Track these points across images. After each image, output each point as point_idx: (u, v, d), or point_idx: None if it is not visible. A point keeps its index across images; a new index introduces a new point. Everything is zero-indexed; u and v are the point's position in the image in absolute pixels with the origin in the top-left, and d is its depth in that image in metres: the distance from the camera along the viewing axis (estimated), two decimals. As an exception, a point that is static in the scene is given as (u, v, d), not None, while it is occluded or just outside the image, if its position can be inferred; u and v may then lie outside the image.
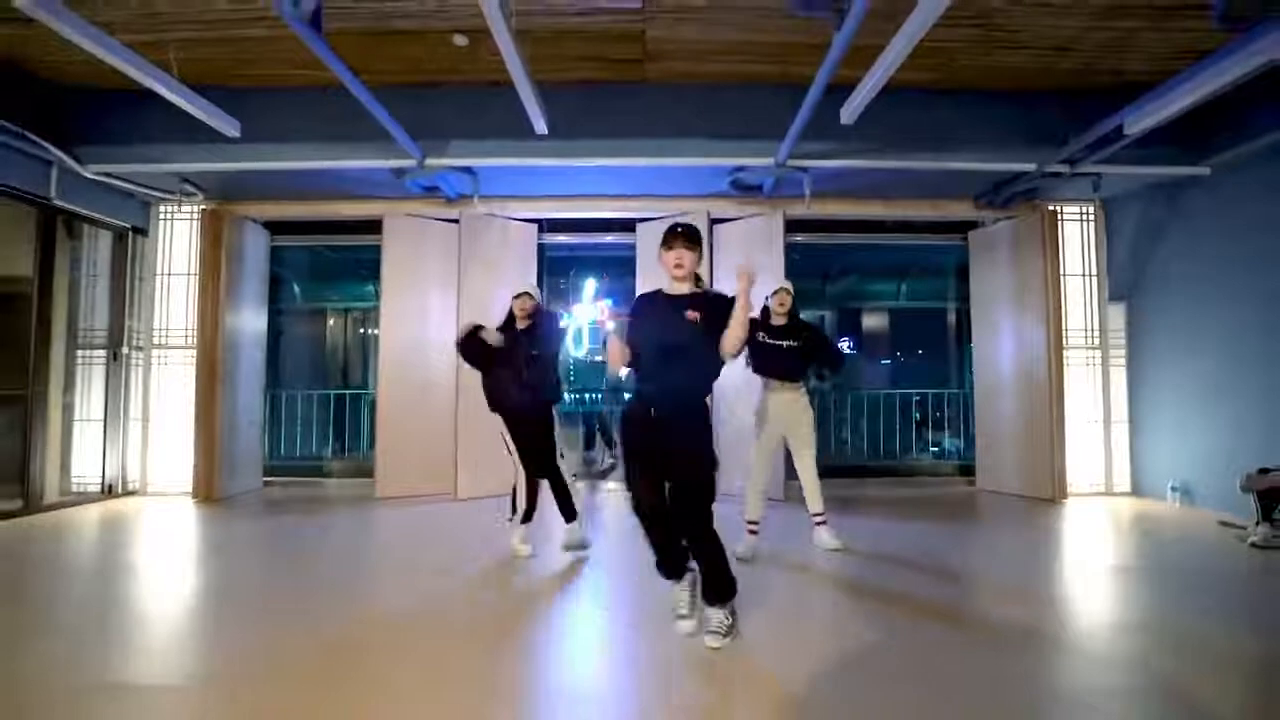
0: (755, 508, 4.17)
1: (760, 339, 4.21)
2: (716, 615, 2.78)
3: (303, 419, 7.78)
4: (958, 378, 7.75)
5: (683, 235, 2.84)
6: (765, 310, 4.36)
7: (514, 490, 4.22)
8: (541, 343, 4.07)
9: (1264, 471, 4.39)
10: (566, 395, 7.46)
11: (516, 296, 4.16)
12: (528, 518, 4.21)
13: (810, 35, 4.57)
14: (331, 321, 9.07)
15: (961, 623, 3.01)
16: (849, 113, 4.30)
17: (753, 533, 4.15)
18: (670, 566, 2.92)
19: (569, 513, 4.19)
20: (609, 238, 7.01)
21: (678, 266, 2.82)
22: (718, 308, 2.77)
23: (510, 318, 4.21)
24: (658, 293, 2.94)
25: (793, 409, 4.26)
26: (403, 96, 5.15)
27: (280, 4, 3.31)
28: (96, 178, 5.43)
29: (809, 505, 4.35)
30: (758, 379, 4.37)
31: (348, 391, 8.06)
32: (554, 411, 4.17)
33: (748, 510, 4.18)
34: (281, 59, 4.91)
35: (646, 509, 2.82)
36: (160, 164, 5.36)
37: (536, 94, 4.19)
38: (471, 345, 4.04)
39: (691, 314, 2.76)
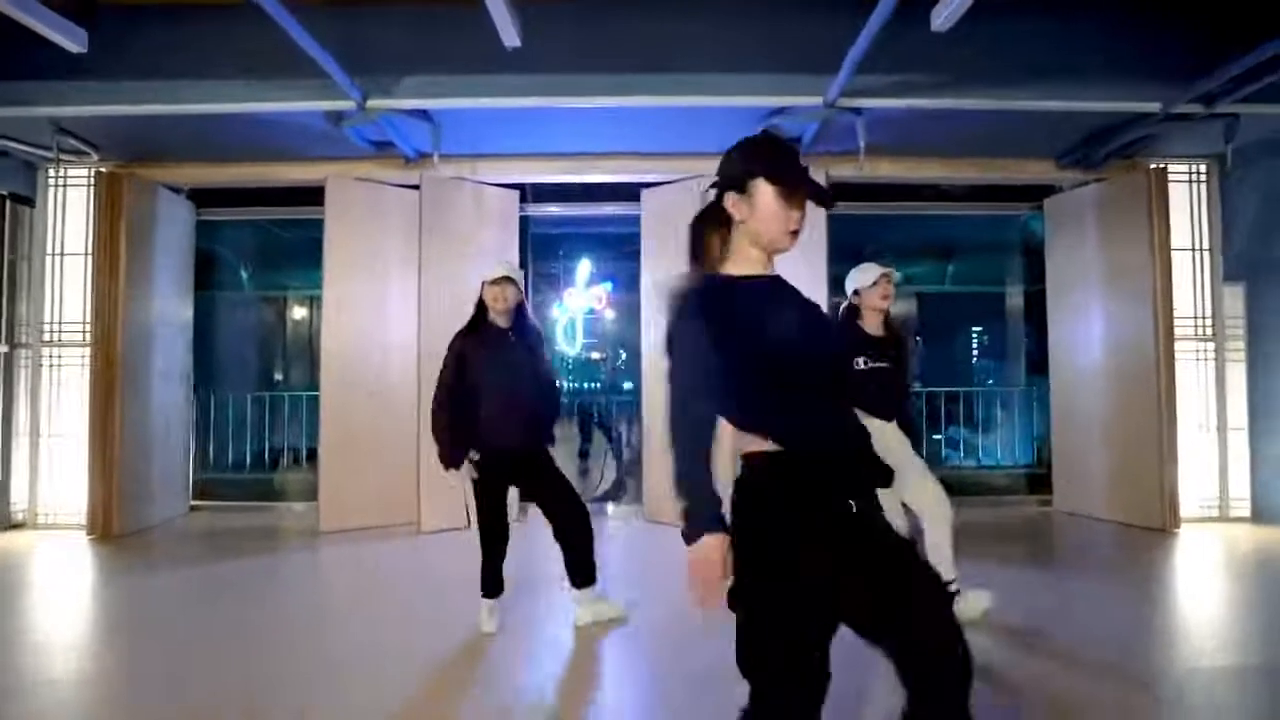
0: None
1: (864, 366, 2.89)
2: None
3: (252, 426, 6.59)
4: (1023, 372, 6.56)
5: (818, 191, 1.44)
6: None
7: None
8: (540, 360, 3.08)
9: None
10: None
11: (492, 282, 2.96)
12: (496, 591, 3.00)
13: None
14: (290, 311, 7.86)
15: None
16: (946, 15, 3.07)
17: None
18: None
19: (588, 576, 3.03)
20: (608, 208, 5.78)
21: (794, 235, 1.43)
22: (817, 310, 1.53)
23: (480, 311, 3.01)
24: (732, 280, 1.43)
25: (896, 445, 2.88)
26: (334, 19, 3.89)
27: None
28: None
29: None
30: None
31: (304, 394, 6.83)
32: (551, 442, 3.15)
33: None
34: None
35: (799, 681, 1.31)
36: (12, 107, 4.07)
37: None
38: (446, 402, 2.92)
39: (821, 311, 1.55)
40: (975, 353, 7.69)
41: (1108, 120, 4.49)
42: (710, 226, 1.47)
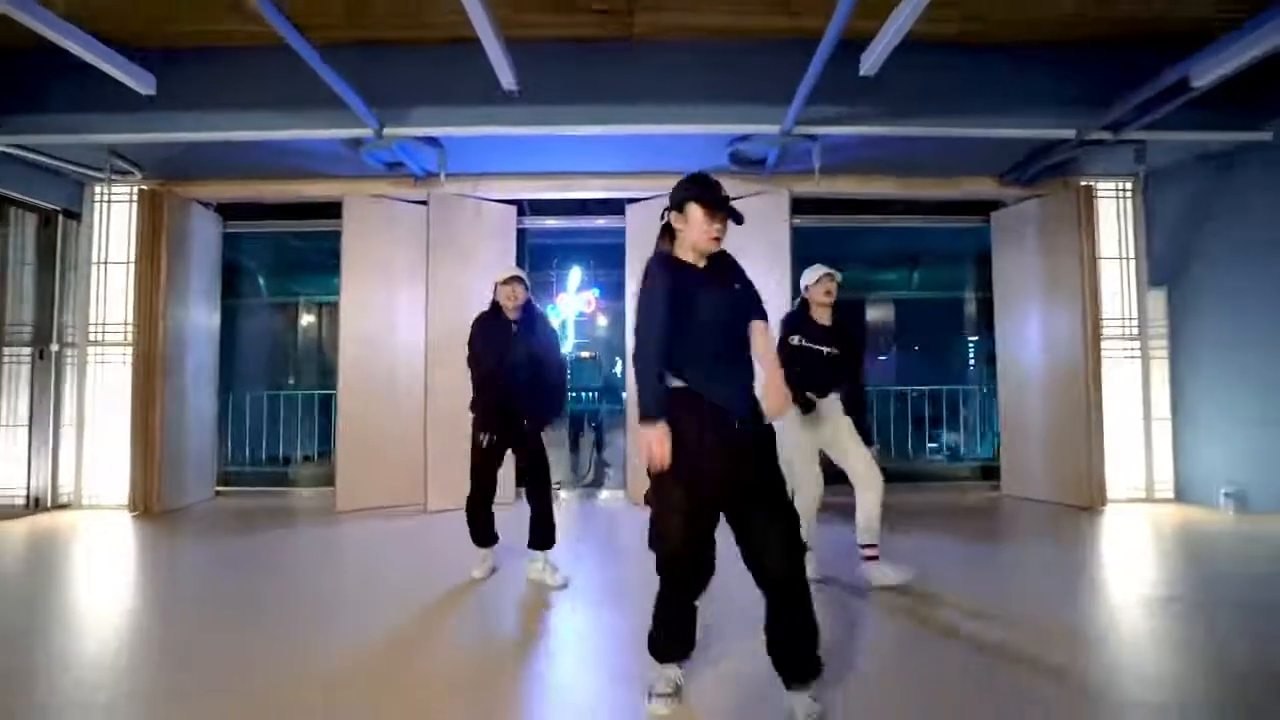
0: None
1: (797, 343, 3.38)
2: (808, 706, 2.03)
3: (268, 421, 7.14)
4: (976, 372, 7.13)
5: (730, 206, 2.19)
6: (803, 304, 3.54)
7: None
8: (547, 349, 3.60)
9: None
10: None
11: (505, 282, 3.56)
12: (488, 542, 3.65)
13: (822, -25, 3.94)
14: (301, 316, 8.43)
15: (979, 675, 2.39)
16: (870, 63, 3.70)
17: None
18: (684, 641, 2.26)
19: (548, 539, 3.57)
20: (597, 221, 6.37)
21: (716, 241, 2.18)
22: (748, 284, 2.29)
23: (495, 307, 3.60)
24: (682, 262, 2.19)
25: (830, 415, 3.46)
26: (356, 56, 4.52)
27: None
28: (8, 150, 4.78)
29: (859, 534, 3.44)
30: None
31: (316, 392, 7.41)
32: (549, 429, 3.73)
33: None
34: (215, 12, 4.26)
35: (691, 556, 2.13)
36: (77, 134, 4.68)
37: (500, 38, 3.56)
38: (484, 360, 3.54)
39: (738, 287, 2.23)
40: (942, 355, 8.24)
41: (1035, 145, 5.10)
42: (665, 236, 2.26)
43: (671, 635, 2.23)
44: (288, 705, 2.23)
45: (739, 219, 2.19)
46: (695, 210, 2.16)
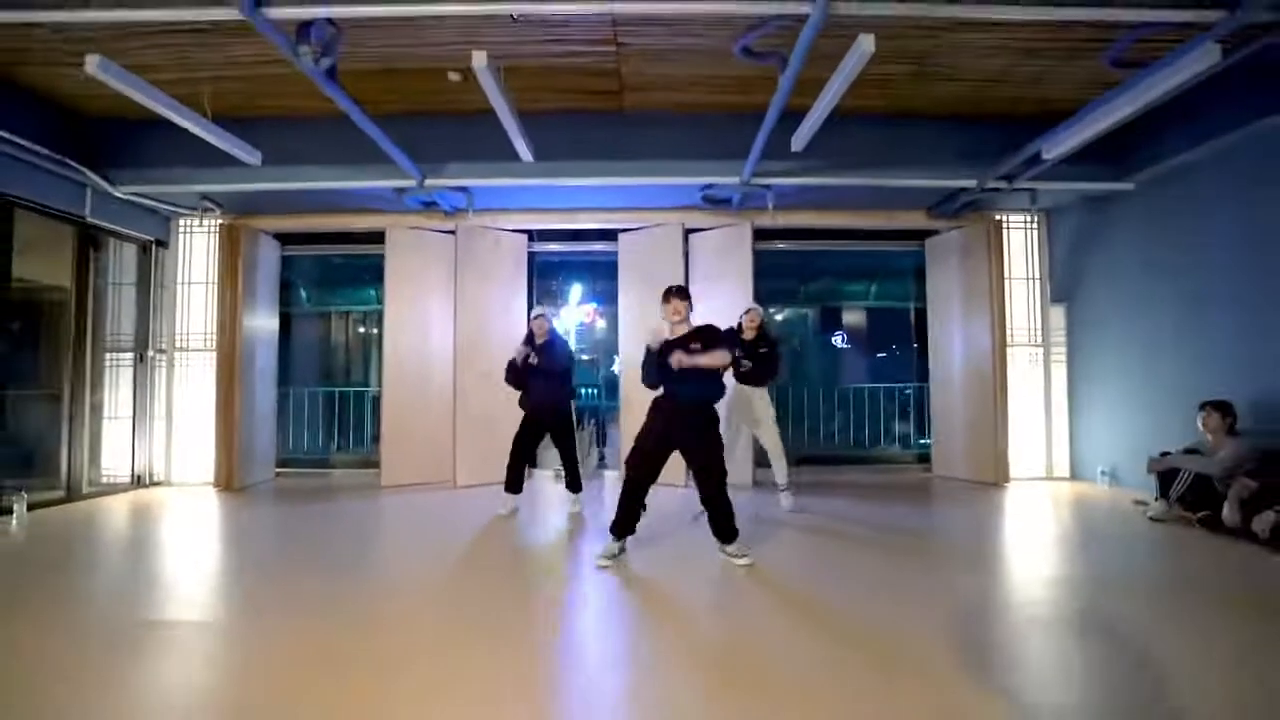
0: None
1: (736, 355, 5.08)
2: (735, 547, 3.87)
3: (309, 415, 8.34)
4: (919, 373, 8.34)
5: (676, 292, 3.95)
6: (739, 326, 5.30)
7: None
8: (560, 360, 5.24)
9: (1164, 454, 5.00)
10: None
11: (535, 318, 5.29)
12: (515, 489, 5.23)
13: (766, 70, 5.13)
14: (336, 324, 9.62)
15: (904, 586, 3.62)
16: (799, 140, 4.89)
17: None
18: (628, 527, 3.88)
19: (576, 485, 5.38)
20: (594, 246, 7.57)
21: (675, 314, 3.92)
22: (712, 336, 3.90)
23: (530, 334, 5.24)
24: (667, 340, 3.88)
25: (754, 402, 5.28)
26: (404, 124, 5.71)
27: (302, 60, 3.87)
28: (126, 197, 6.00)
29: (775, 477, 5.39)
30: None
31: (350, 389, 8.61)
32: (571, 405, 5.53)
33: None
34: (296, 93, 5.45)
35: (643, 476, 3.87)
36: (185, 185, 5.94)
37: (521, 128, 4.78)
38: (514, 373, 5.20)
39: (695, 347, 3.79)
40: (893, 357, 9.44)
41: (946, 191, 6.31)
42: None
43: (624, 519, 3.93)
44: (346, 625, 3.45)
45: (684, 292, 3.93)
46: (661, 307, 4.02)
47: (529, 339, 5.28)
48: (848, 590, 3.45)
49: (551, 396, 5.23)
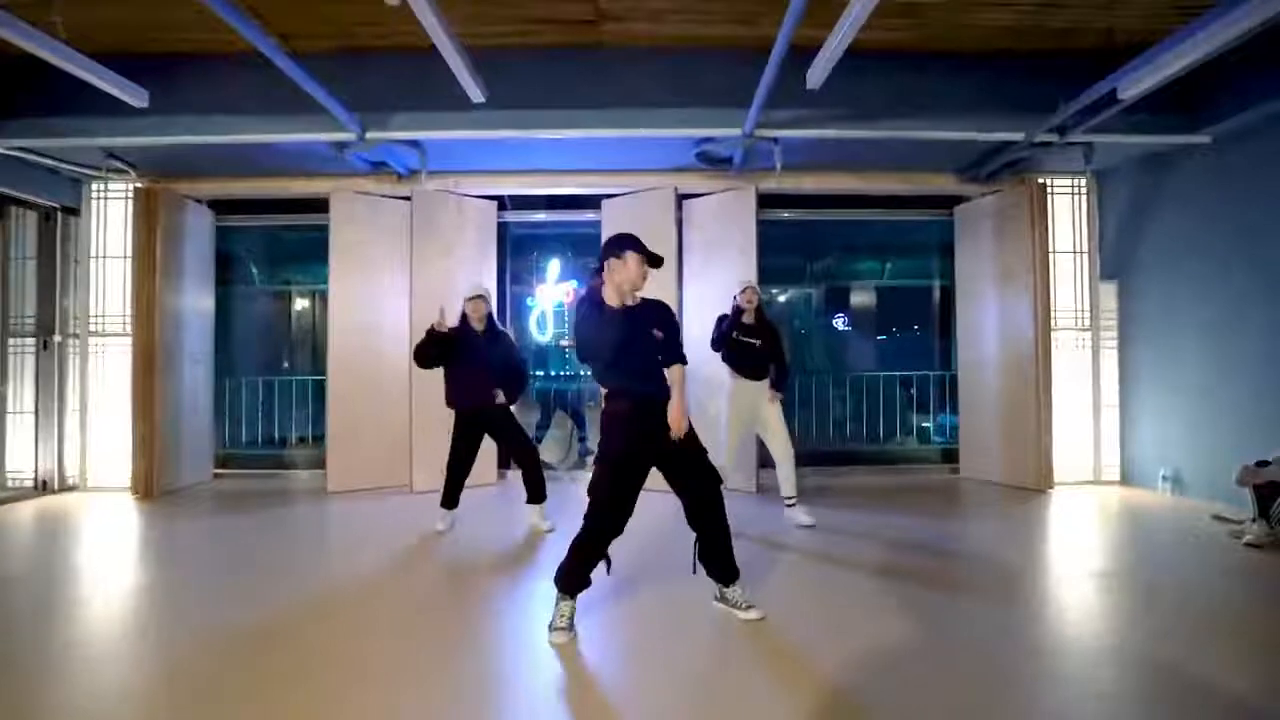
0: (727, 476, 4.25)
1: (736, 336, 4.50)
2: (738, 592, 2.92)
3: (264, 407, 7.44)
4: (941, 359, 7.42)
5: (654, 261, 2.82)
6: (737, 308, 4.53)
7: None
8: (507, 362, 4.41)
9: (1261, 464, 4.09)
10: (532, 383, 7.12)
11: (470, 299, 4.36)
12: (451, 504, 4.45)
13: (773, -9, 4.18)
14: (292, 304, 8.69)
15: (916, 648, 2.72)
16: (815, 76, 3.94)
17: None
18: (586, 578, 2.81)
19: (539, 494, 4.46)
20: (574, 216, 6.61)
21: (635, 289, 2.83)
22: (668, 320, 2.91)
23: (464, 318, 4.38)
24: (605, 305, 2.77)
25: (759, 399, 4.52)
26: (339, 65, 4.77)
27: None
28: (9, 153, 5.04)
29: (781, 488, 4.53)
30: (724, 372, 4.70)
31: (310, 378, 7.70)
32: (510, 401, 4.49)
33: None
34: (200, 24, 4.48)
35: (622, 509, 2.73)
36: (75, 138, 4.95)
37: (466, 59, 3.84)
38: (428, 349, 4.23)
39: (657, 333, 2.82)
40: (911, 342, 8.52)
41: (986, 146, 5.34)
42: (598, 276, 2.79)
43: (579, 572, 2.76)
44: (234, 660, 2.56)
45: (659, 263, 2.83)
46: (632, 257, 2.75)
47: (462, 324, 4.36)
48: (886, 659, 2.54)
49: (483, 391, 4.32)
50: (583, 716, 2.16)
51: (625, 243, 2.77)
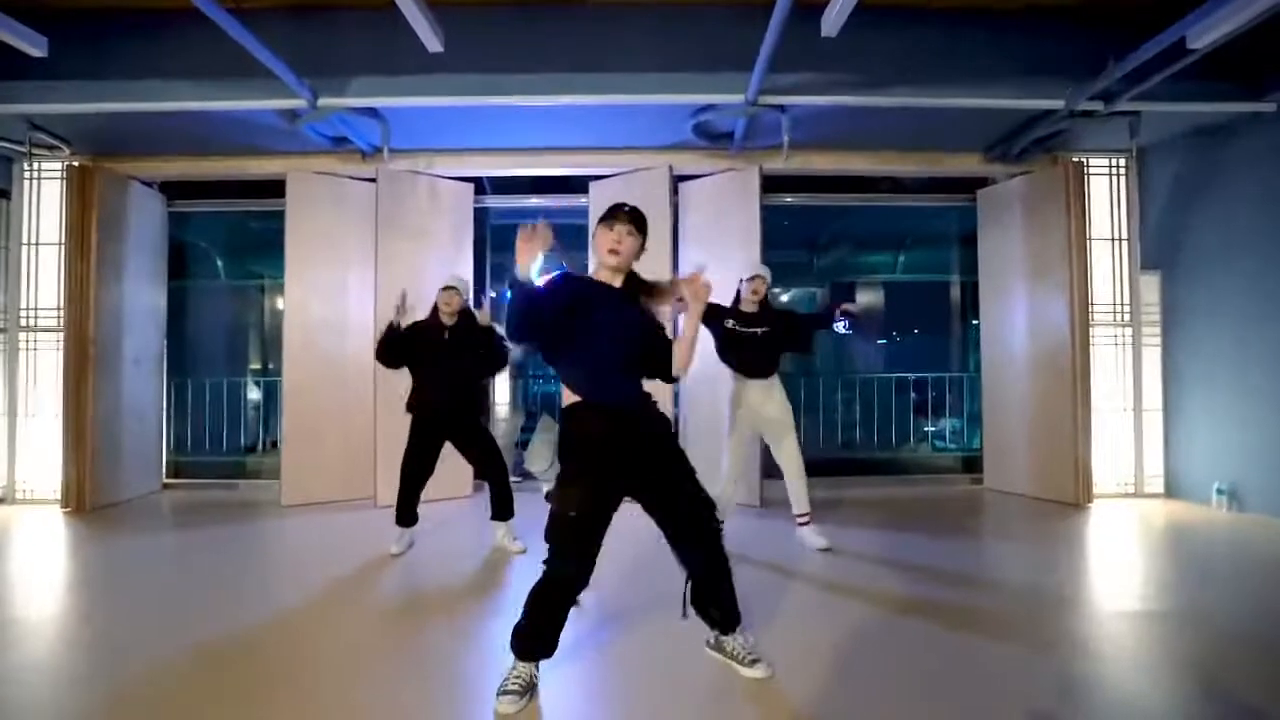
0: (726, 505, 3.87)
1: (729, 326, 3.89)
2: (741, 642, 2.34)
3: (227, 410, 6.84)
4: (960, 359, 6.81)
5: (628, 214, 2.22)
6: (736, 296, 4.00)
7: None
8: (484, 363, 3.94)
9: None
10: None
11: (443, 289, 3.86)
12: (409, 522, 3.88)
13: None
14: (261, 299, 8.10)
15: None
16: (831, 22, 3.34)
17: None
18: (551, 640, 2.19)
19: (507, 510, 3.96)
20: (560, 202, 6.03)
21: (612, 253, 2.18)
22: (650, 288, 2.30)
23: (435, 311, 3.87)
24: (592, 279, 2.25)
25: (766, 402, 3.91)
26: (290, 26, 4.22)
27: None
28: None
29: (793, 505, 3.96)
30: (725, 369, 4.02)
31: (278, 379, 7.10)
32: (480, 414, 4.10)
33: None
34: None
35: (586, 554, 2.11)
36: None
37: (423, 7, 3.22)
38: (387, 347, 3.73)
39: (646, 315, 2.27)
40: (926, 341, 7.93)
41: (1021, 117, 4.76)
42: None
43: (540, 632, 2.16)
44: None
45: (639, 217, 2.23)
46: (597, 230, 2.25)
47: (432, 317, 3.86)
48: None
49: (455, 395, 3.82)
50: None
51: (601, 216, 2.26)
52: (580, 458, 2.12)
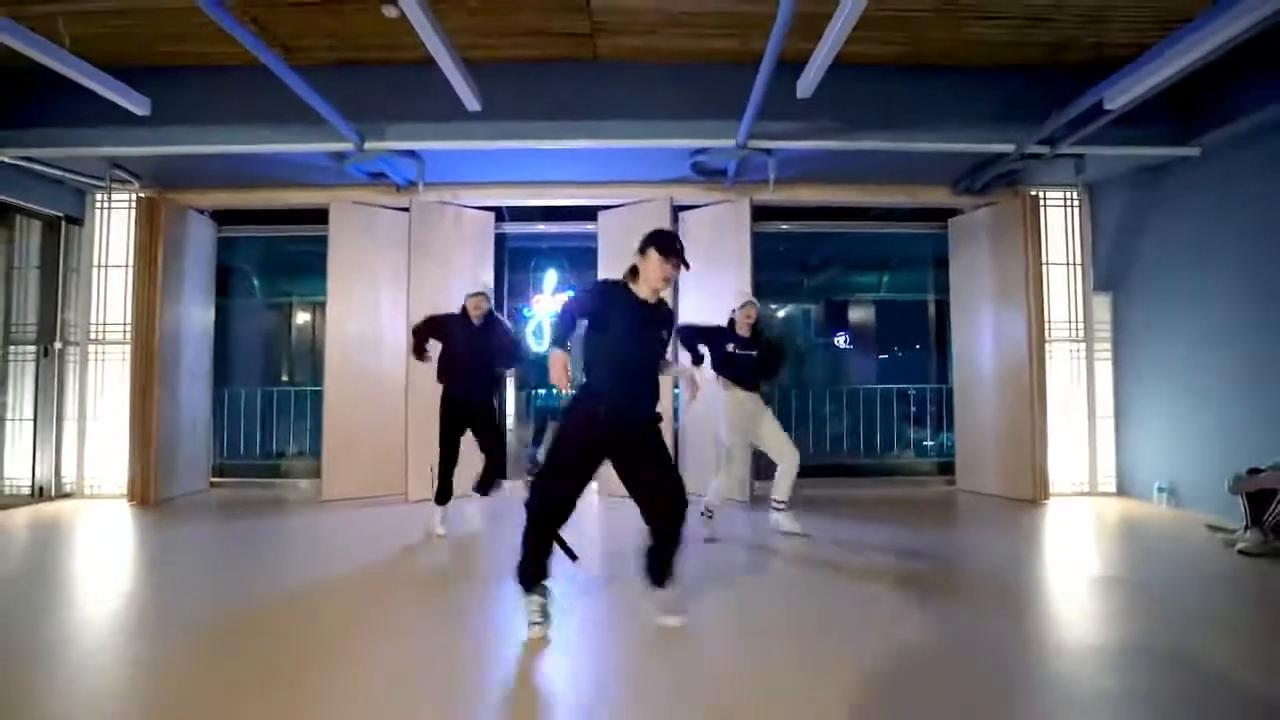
0: (715, 498, 4.45)
1: (730, 350, 4.42)
2: (670, 597, 2.84)
3: (262, 417, 7.46)
4: (938, 372, 7.42)
5: (679, 253, 2.76)
6: (732, 321, 4.51)
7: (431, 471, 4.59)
8: (501, 355, 4.58)
9: (1253, 472, 4.08)
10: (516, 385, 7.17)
11: (471, 295, 4.48)
12: (445, 499, 4.49)
13: (764, 3, 4.24)
14: (293, 316, 8.74)
15: (916, 653, 2.70)
16: (805, 85, 4.00)
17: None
18: (543, 568, 2.79)
19: (486, 487, 4.65)
20: (572, 228, 6.67)
21: (665, 280, 2.77)
22: (670, 324, 2.96)
23: (464, 311, 4.49)
24: (627, 288, 2.79)
25: (755, 408, 4.51)
26: (338, 76, 4.87)
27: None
28: (15, 162, 5.12)
29: (773, 491, 4.52)
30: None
31: (309, 389, 7.72)
32: (495, 402, 4.82)
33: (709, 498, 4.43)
34: (203, 36, 4.57)
35: (559, 505, 2.71)
36: (80, 148, 5.03)
37: (461, 67, 3.91)
38: (429, 324, 4.49)
39: (665, 333, 2.84)
40: (908, 355, 8.53)
41: (981, 157, 5.39)
42: (631, 272, 2.80)
43: (531, 560, 2.73)
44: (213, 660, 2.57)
45: (687, 265, 2.80)
46: (654, 254, 2.72)
47: (463, 316, 4.49)
48: (885, 664, 2.53)
49: (479, 388, 4.53)
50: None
51: (649, 239, 2.76)
52: (572, 417, 2.69)
